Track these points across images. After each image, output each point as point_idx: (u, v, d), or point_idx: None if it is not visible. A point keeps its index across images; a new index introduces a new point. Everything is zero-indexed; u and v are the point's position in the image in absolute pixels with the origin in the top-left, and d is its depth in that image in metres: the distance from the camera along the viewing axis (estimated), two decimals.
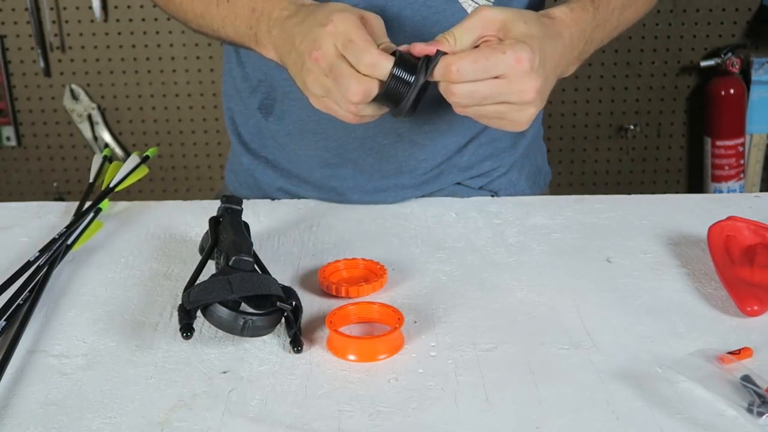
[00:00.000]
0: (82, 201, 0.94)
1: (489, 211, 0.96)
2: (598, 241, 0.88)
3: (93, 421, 0.61)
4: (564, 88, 2.33)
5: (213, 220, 0.82)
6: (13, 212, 0.98)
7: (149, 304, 0.77)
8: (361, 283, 0.78)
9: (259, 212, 0.96)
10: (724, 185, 2.30)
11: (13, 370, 0.67)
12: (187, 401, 0.63)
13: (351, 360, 0.68)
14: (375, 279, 0.79)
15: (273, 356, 0.69)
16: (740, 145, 2.29)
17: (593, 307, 0.75)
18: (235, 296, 0.69)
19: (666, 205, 0.96)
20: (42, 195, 2.40)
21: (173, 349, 0.70)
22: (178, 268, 0.84)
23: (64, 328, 0.74)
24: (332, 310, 0.72)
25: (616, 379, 0.65)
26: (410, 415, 0.61)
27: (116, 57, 2.30)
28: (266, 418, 0.61)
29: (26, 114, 2.35)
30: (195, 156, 2.39)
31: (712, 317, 0.73)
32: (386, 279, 0.79)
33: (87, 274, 0.83)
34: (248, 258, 0.73)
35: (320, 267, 0.81)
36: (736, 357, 0.66)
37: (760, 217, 0.90)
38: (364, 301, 0.75)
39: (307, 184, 1.03)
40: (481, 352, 0.69)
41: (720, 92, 2.25)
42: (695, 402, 0.62)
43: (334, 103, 0.79)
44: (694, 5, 2.28)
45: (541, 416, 0.61)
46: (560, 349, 0.69)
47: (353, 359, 0.68)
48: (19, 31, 2.28)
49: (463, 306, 0.76)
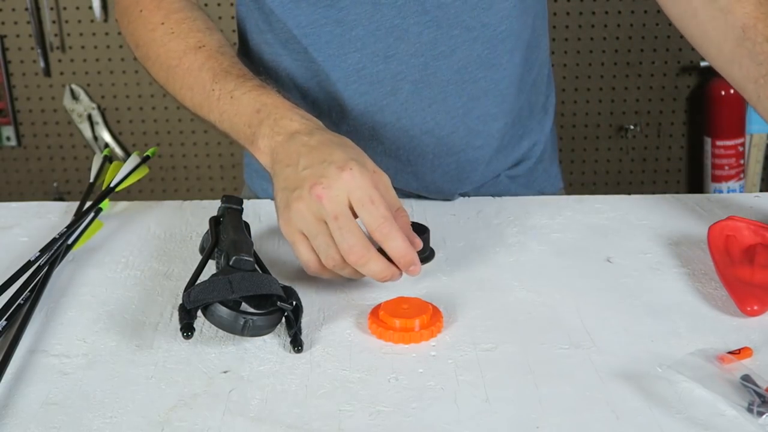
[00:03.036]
0: (83, 201, 0.94)
1: (489, 211, 0.96)
2: (598, 241, 0.88)
3: (93, 420, 0.61)
4: (564, 89, 2.33)
5: (213, 219, 0.82)
6: (13, 212, 0.98)
7: (150, 303, 0.77)
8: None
9: (259, 212, 0.96)
10: (724, 185, 2.30)
11: (13, 370, 0.67)
12: (188, 401, 0.63)
13: (396, 328, 0.70)
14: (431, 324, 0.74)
15: (273, 356, 0.69)
16: (740, 145, 2.29)
17: (593, 307, 0.75)
18: (236, 296, 0.69)
19: (666, 205, 0.96)
20: (42, 195, 2.40)
21: (174, 348, 0.70)
22: (178, 267, 0.84)
23: (64, 328, 0.74)
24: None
25: (616, 378, 0.65)
26: (410, 415, 0.61)
27: (116, 57, 2.30)
28: (266, 418, 0.61)
29: (26, 114, 2.35)
30: (195, 156, 2.39)
31: (712, 317, 0.74)
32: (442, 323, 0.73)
33: (87, 273, 0.83)
34: (249, 258, 0.73)
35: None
36: (736, 357, 0.66)
37: (760, 217, 0.90)
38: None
39: None
40: (481, 351, 0.69)
41: (720, 92, 2.25)
42: (695, 402, 0.62)
43: (316, 246, 0.74)
44: None
45: (541, 416, 0.61)
46: (560, 349, 0.69)
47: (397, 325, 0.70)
48: (19, 31, 2.28)
49: (463, 306, 0.76)
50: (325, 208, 0.72)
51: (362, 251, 0.72)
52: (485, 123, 1.01)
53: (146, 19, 0.94)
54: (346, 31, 0.95)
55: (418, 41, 0.95)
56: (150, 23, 0.93)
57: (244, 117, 0.82)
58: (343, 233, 0.72)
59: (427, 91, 0.97)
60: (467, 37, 0.96)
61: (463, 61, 0.97)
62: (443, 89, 0.97)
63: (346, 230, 0.72)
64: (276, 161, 0.78)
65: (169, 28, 0.92)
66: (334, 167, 0.73)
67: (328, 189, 0.72)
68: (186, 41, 0.90)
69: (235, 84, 0.84)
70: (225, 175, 2.40)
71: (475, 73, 0.98)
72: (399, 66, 0.96)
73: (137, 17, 0.95)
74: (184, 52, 0.89)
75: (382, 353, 0.69)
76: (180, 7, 0.94)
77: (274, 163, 0.78)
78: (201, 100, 0.87)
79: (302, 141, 0.77)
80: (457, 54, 0.96)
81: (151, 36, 0.93)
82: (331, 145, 0.76)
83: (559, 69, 2.30)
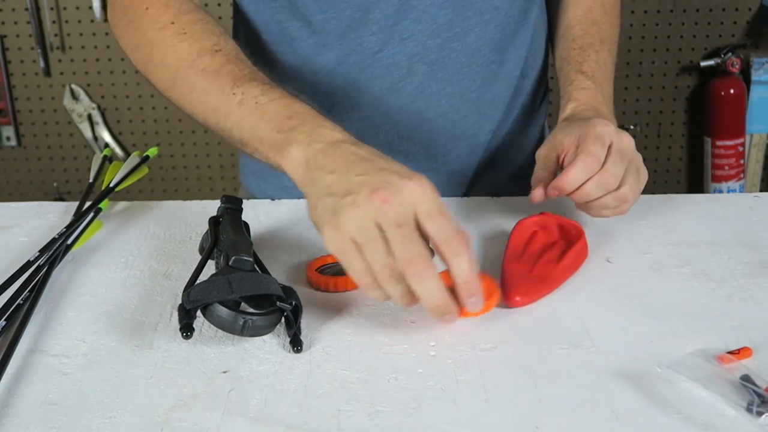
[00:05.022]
0: (82, 201, 0.94)
1: (489, 211, 0.96)
2: (598, 241, 0.88)
3: (93, 420, 0.61)
4: None
5: (213, 219, 0.82)
6: (13, 212, 0.98)
7: (149, 303, 0.77)
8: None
9: (259, 212, 0.96)
10: (724, 185, 2.30)
11: (13, 370, 0.67)
12: (187, 401, 0.63)
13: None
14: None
15: (273, 356, 0.69)
16: (740, 145, 2.29)
17: (593, 307, 0.75)
18: (235, 296, 0.69)
19: (666, 205, 0.96)
20: (42, 195, 2.40)
21: (173, 348, 0.70)
22: (178, 268, 0.84)
23: (64, 328, 0.74)
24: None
25: (616, 379, 0.65)
26: (410, 415, 0.61)
27: (116, 57, 2.30)
28: (266, 418, 0.61)
29: (26, 114, 2.35)
30: (195, 156, 2.39)
31: (711, 317, 0.74)
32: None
33: (87, 273, 0.83)
34: (248, 258, 0.73)
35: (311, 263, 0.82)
36: (736, 357, 0.66)
37: (760, 218, 0.90)
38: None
39: None
40: (481, 352, 0.69)
41: (720, 92, 2.25)
42: (695, 402, 0.62)
43: (369, 254, 0.67)
44: (694, 5, 2.28)
45: (541, 416, 0.61)
46: (560, 349, 0.69)
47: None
48: (19, 31, 2.28)
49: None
50: (388, 214, 0.66)
51: (425, 263, 0.66)
52: (495, 107, 1.05)
53: (153, 18, 0.89)
54: (364, 15, 0.96)
55: (434, 22, 0.97)
56: (158, 22, 0.88)
57: (272, 123, 0.77)
58: (405, 242, 0.65)
59: (442, 73, 1.00)
60: (479, 19, 0.99)
61: (477, 44, 1.00)
62: (458, 71, 1.00)
63: (409, 239, 0.66)
64: (315, 168, 0.72)
65: (180, 29, 0.87)
66: (397, 176, 0.68)
67: (395, 195, 0.66)
68: (200, 43, 0.85)
69: (261, 90, 0.79)
70: (225, 175, 2.40)
71: (488, 56, 1.01)
72: (415, 48, 0.98)
73: (141, 15, 0.90)
74: (198, 54, 0.85)
75: (382, 353, 0.69)
76: (190, 9, 0.90)
77: (313, 169, 0.72)
78: (217, 104, 0.82)
79: (350, 150, 0.72)
80: (471, 36, 0.99)
81: (159, 35, 0.88)
82: (384, 157, 0.72)
83: None
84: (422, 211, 0.67)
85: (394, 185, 0.67)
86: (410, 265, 0.65)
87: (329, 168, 0.71)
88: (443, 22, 0.98)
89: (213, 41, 0.86)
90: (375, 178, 0.68)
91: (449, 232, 0.67)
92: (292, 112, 0.77)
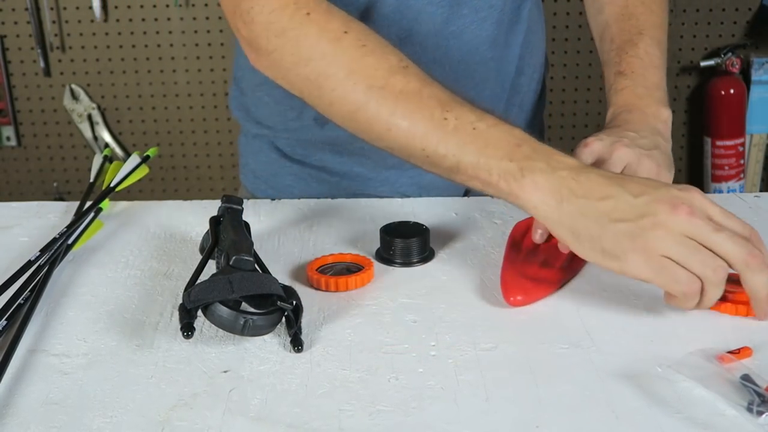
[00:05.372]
0: (83, 201, 0.94)
1: (489, 211, 0.96)
2: None
3: (93, 420, 0.61)
4: (564, 88, 2.33)
5: (213, 219, 0.82)
6: (13, 212, 0.98)
7: (150, 303, 0.77)
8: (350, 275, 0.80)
9: (259, 212, 0.96)
10: (724, 185, 2.30)
11: (13, 370, 0.67)
12: (188, 400, 0.63)
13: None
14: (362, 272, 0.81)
15: (273, 355, 0.69)
16: (740, 145, 2.29)
17: (593, 307, 0.75)
18: (236, 296, 0.69)
19: None
20: (42, 195, 2.41)
21: (174, 348, 0.70)
22: (178, 267, 0.84)
23: (64, 328, 0.74)
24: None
25: (616, 378, 0.65)
26: (410, 415, 0.61)
27: (116, 57, 2.30)
28: (267, 418, 0.61)
29: (26, 114, 2.35)
30: (195, 156, 2.39)
31: (712, 317, 0.74)
32: (373, 272, 0.81)
33: (87, 273, 0.83)
34: (249, 257, 0.73)
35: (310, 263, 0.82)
36: (736, 356, 0.66)
37: (760, 217, 0.90)
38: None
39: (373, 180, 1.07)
40: (481, 351, 0.69)
41: (720, 92, 2.26)
42: (695, 401, 0.62)
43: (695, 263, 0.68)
44: (694, 5, 2.28)
45: (541, 416, 0.61)
46: (560, 349, 0.69)
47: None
48: (19, 31, 2.28)
49: (463, 306, 0.76)
50: (699, 224, 0.68)
51: (761, 255, 0.69)
52: (493, 105, 1.04)
53: (321, 26, 0.80)
54: (363, 15, 0.96)
55: (431, 21, 0.97)
56: (329, 30, 0.79)
57: (500, 151, 0.74)
58: (735, 240, 0.68)
59: (439, 71, 0.99)
60: (475, 17, 0.99)
61: (473, 42, 1.00)
62: (455, 69, 1.00)
63: (732, 238, 0.68)
64: (572, 195, 0.71)
65: (357, 40, 0.79)
66: (675, 189, 0.70)
67: (693, 206, 0.69)
68: (386, 59, 0.79)
69: (475, 116, 0.76)
70: (225, 175, 2.40)
71: (484, 53, 1.01)
72: (414, 47, 0.98)
73: (302, 22, 0.79)
74: (388, 71, 0.78)
75: (383, 353, 0.69)
76: (349, 14, 0.82)
77: (570, 198, 0.71)
78: (426, 131, 0.76)
79: (601, 173, 0.73)
80: (467, 34, 0.99)
81: (335, 47, 0.79)
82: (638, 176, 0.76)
83: (559, 69, 2.30)
84: (715, 214, 0.70)
85: (685, 198, 0.70)
86: (752, 257, 0.68)
87: (592, 195, 0.71)
88: (440, 20, 0.98)
89: (397, 56, 0.80)
90: (662, 194, 0.70)
91: (745, 228, 0.71)
92: (519, 140, 0.75)
